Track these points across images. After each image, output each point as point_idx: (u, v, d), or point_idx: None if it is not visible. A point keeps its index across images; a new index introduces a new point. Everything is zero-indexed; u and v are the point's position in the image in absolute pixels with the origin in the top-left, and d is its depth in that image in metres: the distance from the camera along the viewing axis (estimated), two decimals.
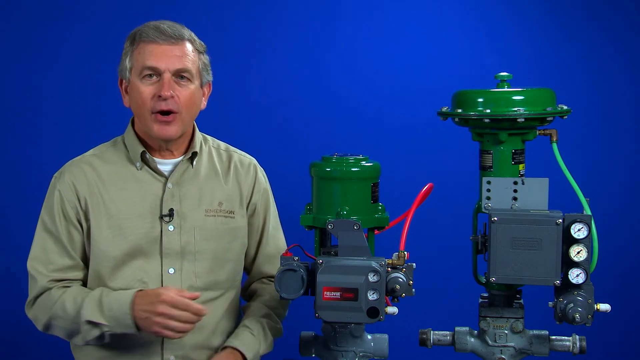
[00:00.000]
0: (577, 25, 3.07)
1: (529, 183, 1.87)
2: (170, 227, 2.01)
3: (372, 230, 1.95)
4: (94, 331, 1.92)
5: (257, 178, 2.15)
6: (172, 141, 2.02)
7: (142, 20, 2.03)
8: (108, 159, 2.06)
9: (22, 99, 3.08)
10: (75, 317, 1.92)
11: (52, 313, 1.96)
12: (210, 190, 2.07)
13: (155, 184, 2.03)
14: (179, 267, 2.00)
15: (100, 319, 1.90)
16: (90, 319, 1.90)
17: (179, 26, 2.00)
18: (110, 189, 2.01)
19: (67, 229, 2.00)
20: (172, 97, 1.94)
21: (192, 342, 2.02)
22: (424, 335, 2.01)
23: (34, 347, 3.09)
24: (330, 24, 3.10)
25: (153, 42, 1.96)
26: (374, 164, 1.95)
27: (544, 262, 1.79)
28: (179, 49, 1.97)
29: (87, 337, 1.93)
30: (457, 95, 1.96)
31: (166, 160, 2.05)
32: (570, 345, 1.95)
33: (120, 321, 1.89)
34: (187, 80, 1.99)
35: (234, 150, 2.18)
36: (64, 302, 1.94)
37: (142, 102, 1.96)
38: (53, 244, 2.00)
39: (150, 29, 1.97)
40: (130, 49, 2.00)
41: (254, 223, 2.14)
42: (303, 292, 1.85)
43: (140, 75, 1.96)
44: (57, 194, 2.01)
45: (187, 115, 1.99)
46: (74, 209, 2.00)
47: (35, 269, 2.00)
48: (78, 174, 2.02)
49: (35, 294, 2.00)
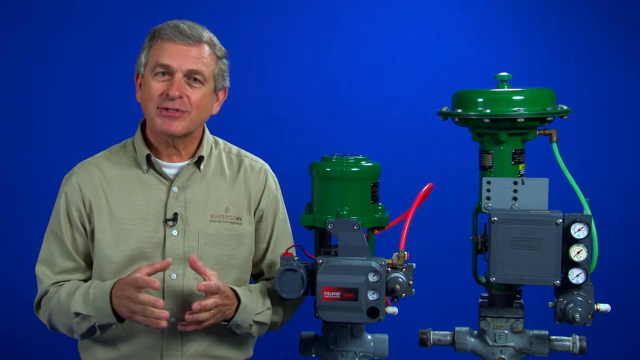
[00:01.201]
0: (577, 25, 3.07)
1: (529, 183, 1.87)
2: (173, 231, 1.99)
3: (372, 230, 1.95)
4: (84, 323, 1.91)
5: (267, 183, 2.11)
6: (178, 140, 2.00)
7: (155, 21, 2.03)
8: (116, 161, 2.05)
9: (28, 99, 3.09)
10: (68, 309, 1.92)
11: (51, 309, 1.97)
12: (217, 195, 2.04)
13: (161, 187, 2.02)
14: (182, 273, 1.98)
15: (85, 310, 1.89)
16: (77, 310, 1.90)
17: (199, 28, 1.98)
18: (115, 191, 2.01)
19: (71, 232, 2.00)
20: (180, 97, 1.93)
21: (194, 350, 2.00)
22: (424, 335, 2.01)
23: (42, 348, 3.10)
24: (331, 24, 3.10)
25: (170, 41, 1.94)
26: (374, 164, 1.95)
27: (544, 262, 1.79)
28: (195, 51, 1.95)
29: (79, 329, 1.93)
30: (457, 95, 1.96)
31: (173, 164, 2.04)
32: (570, 345, 1.95)
33: (102, 311, 1.87)
34: (199, 83, 1.96)
35: (246, 155, 2.14)
36: (60, 297, 1.95)
37: (149, 98, 1.95)
38: (57, 246, 2.01)
39: (169, 27, 1.96)
40: (148, 45, 1.99)
41: (261, 229, 2.11)
42: (303, 292, 1.85)
43: (153, 72, 1.95)
44: (64, 197, 2.01)
45: (196, 115, 1.97)
46: (78, 212, 2.00)
47: (41, 272, 2.01)
48: (85, 176, 2.02)
49: (40, 295, 2.02)
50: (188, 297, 1.97)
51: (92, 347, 2.03)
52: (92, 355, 2.03)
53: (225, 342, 2.05)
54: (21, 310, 2.86)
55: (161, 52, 1.94)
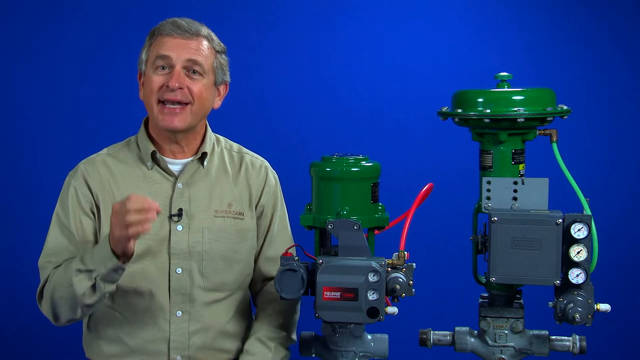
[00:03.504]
0: (577, 25, 3.07)
1: (529, 183, 1.87)
2: (178, 227, 2.01)
3: (372, 230, 1.95)
4: (85, 281, 1.86)
5: (267, 180, 2.14)
6: (181, 135, 2.02)
7: (155, 21, 2.04)
8: (121, 158, 2.07)
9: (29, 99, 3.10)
10: (70, 275, 1.88)
11: (53, 285, 1.93)
12: (220, 191, 2.07)
13: (165, 183, 2.04)
14: (187, 267, 2.00)
15: (87, 265, 1.86)
16: (78, 267, 1.87)
17: (197, 23, 2.03)
18: (121, 188, 2.02)
19: (80, 220, 2.00)
20: (180, 88, 1.95)
21: (199, 343, 2.02)
22: (424, 335, 2.01)
23: (46, 345, 3.11)
24: (331, 24, 3.11)
25: (169, 36, 1.98)
26: (374, 164, 1.95)
27: (544, 262, 1.79)
28: (194, 43, 1.99)
29: (81, 289, 1.87)
30: (457, 95, 1.96)
31: (177, 160, 2.06)
32: (570, 345, 1.95)
33: (103, 258, 1.83)
34: (199, 75, 1.99)
35: (246, 152, 2.18)
36: (60, 269, 1.94)
37: (150, 92, 1.98)
38: (64, 237, 2.01)
39: (168, 24, 2.00)
40: (148, 42, 2.03)
41: (261, 225, 2.14)
42: (303, 292, 1.85)
43: (153, 66, 1.98)
44: (72, 189, 2.02)
45: (197, 108, 1.99)
46: (89, 201, 2.01)
47: (46, 261, 2.00)
48: (92, 172, 2.04)
49: (43, 283, 1.99)
50: (192, 291, 2.00)
51: (96, 342, 2.03)
52: (97, 350, 2.04)
53: (228, 335, 2.07)
54: (25, 307, 2.88)
55: (160, 46, 1.98)
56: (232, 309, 2.08)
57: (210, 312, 2.03)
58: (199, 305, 2.01)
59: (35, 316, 2.14)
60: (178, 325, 2.00)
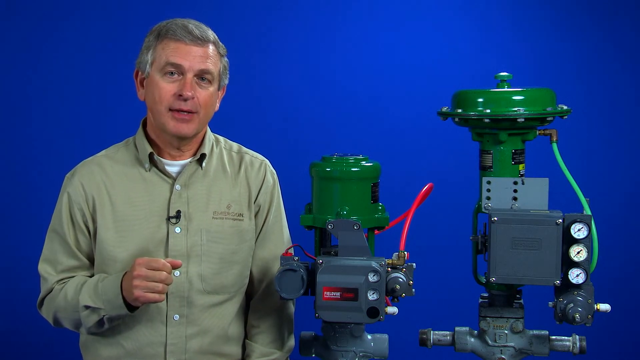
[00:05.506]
0: (577, 25, 3.07)
1: (529, 183, 1.87)
2: (176, 229, 2.00)
3: (372, 230, 1.95)
4: (93, 316, 1.92)
5: (265, 178, 2.12)
6: (186, 140, 2.02)
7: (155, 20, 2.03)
8: (118, 160, 2.06)
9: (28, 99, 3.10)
10: (76, 304, 1.93)
11: (57, 305, 1.97)
12: (219, 193, 2.06)
13: (163, 185, 2.02)
14: (185, 270, 1.98)
15: (96, 303, 1.91)
16: (87, 303, 1.91)
17: (205, 27, 2.00)
18: (118, 190, 2.01)
19: (73, 232, 2.01)
20: (192, 97, 1.94)
21: (197, 347, 2.01)
22: (424, 335, 2.01)
23: (43, 346, 3.11)
24: (331, 24, 3.11)
25: (180, 41, 1.95)
26: (374, 164, 1.95)
27: (544, 262, 1.79)
28: (204, 51, 1.97)
29: (88, 323, 1.94)
30: (457, 95, 1.96)
31: (175, 162, 2.04)
32: (570, 345, 1.95)
33: (113, 303, 1.89)
34: (208, 82, 1.98)
35: (246, 152, 2.16)
36: (66, 292, 1.96)
37: (159, 99, 1.95)
38: (60, 245, 2.01)
39: (178, 27, 1.96)
40: (154, 43, 1.99)
41: (257, 223, 2.12)
42: (303, 292, 1.85)
43: (162, 72, 1.95)
44: (66, 197, 2.02)
45: (204, 116, 1.99)
46: (81, 212, 2.00)
47: (45, 270, 2.02)
48: (87, 175, 2.03)
49: (44, 293, 2.02)
50: (190, 294, 1.99)
51: (94, 345, 2.03)
52: (94, 353, 2.03)
53: (228, 339, 2.06)
54: (23, 309, 2.88)
55: (170, 52, 1.95)
56: (232, 312, 2.06)
57: (209, 316, 2.02)
58: (198, 308, 2.00)
59: (33, 319, 2.14)
60: (175, 329, 1.98)
